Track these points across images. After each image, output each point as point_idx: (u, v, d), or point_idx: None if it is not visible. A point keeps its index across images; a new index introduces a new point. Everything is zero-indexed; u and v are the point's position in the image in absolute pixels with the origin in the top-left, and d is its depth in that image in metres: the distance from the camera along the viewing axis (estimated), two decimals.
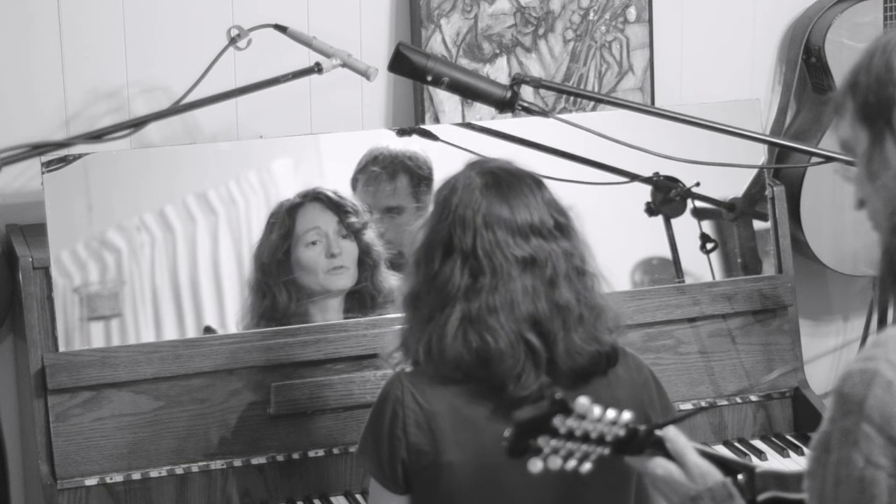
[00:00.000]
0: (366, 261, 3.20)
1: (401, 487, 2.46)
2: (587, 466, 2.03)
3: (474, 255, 2.41)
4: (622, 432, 2.05)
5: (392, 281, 3.19)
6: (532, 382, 2.39)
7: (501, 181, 2.45)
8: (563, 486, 2.40)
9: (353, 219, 3.18)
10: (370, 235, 3.20)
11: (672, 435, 2.16)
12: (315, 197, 3.19)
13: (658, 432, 2.14)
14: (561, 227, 2.46)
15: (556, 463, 1.99)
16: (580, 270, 2.46)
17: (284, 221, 3.16)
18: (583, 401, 1.99)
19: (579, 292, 2.43)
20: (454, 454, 2.42)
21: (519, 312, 2.39)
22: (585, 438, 2.01)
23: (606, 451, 2.04)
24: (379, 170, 3.24)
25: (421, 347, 2.44)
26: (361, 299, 3.20)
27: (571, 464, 2.01)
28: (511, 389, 2.40)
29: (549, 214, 2.45)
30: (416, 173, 3.27)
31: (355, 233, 3.19)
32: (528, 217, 2.43)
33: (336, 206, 3.18)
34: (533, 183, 2.48)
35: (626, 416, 2.05)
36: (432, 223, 2.48)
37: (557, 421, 1.98)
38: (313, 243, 3.16)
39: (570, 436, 1.99)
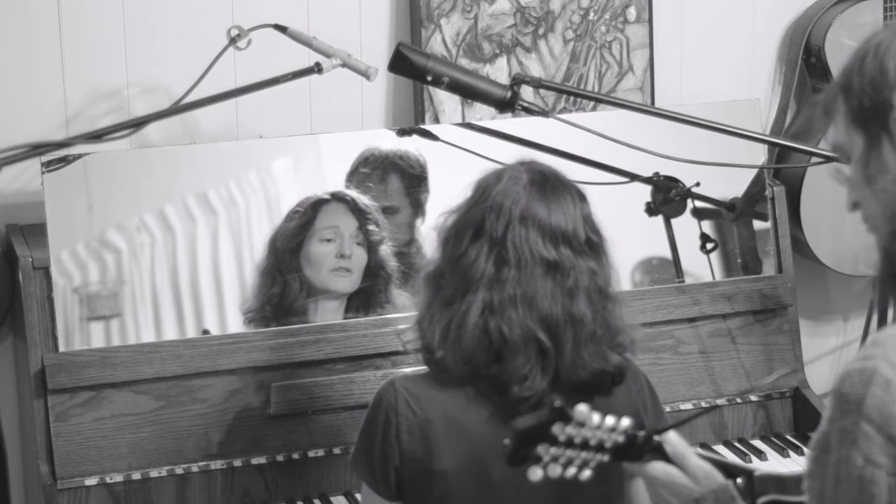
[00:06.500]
0: (380, 273, 3.20)
1: (393, 494, 2.46)
2: (587, 474, 2.03)
3: (503, 245, 2.40)
4: (621, 439, 2.04)
5: (401, 299, 3.18)
6: (536, 385, 2.38)
7: (547, 183, 2.45)
8: (557, 493, 2.39)
9: (373, 228, 3.18)
10: (386, 251, 3.20)
11: (672, 439, 2.15)
12: (342, 198, 3.19)
13: (657, 437, 2.14)
14: (592, 244, 2.46)
15: (555, 471, 1.99)
16: (602, 291, 2.44)
17: (307, 213, 3.16)
18: (581, 408, 1.99)
19: (597, 311, 2.42)
20: (448, 462, 2.42)
21: (535, 311, 2.38)
22: (585, 446, 2.01)
23: (606, 457, 2.04)
24: (369, 171, 3.24)
25: (438, 331, 2.42)
26: (359, 308, 3.19)
27: (571, 471, 2.01)
28: (514, 391, 2.39)
29: (582, 228, 2.44)
30: (407, 172, 3.26)
31: (371, 243, 3.19)
32: (562, 223, 2.42)
33: (360, 213, 3.18)
34: (577, 195, 2.47)
35: (625, 422, 2.05)
36: (469, 205, 2.47)
37: (557, 429, 1.98)
38: (328, 240, 3.17)
39: (569, 443, 1.99)
